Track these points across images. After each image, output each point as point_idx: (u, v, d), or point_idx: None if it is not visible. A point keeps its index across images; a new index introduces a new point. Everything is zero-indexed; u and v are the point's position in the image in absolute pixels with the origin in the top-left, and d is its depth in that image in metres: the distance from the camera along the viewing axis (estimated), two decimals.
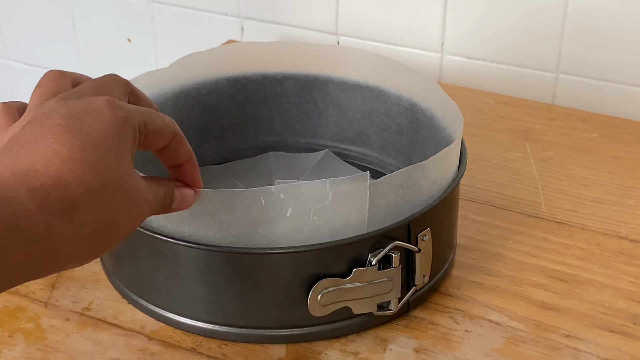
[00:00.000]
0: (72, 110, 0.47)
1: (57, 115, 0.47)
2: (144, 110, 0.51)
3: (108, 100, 0.49)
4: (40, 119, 0.47)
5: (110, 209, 0.47)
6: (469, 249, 0.71)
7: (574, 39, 0.93)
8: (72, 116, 0.47)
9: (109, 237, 0.47)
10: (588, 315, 0.64)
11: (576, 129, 0.89)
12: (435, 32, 0.99)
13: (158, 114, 0.52)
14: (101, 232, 0.46)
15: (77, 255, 0.46)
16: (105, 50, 1.19)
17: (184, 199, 0.55)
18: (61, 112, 0.47)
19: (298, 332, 0.61)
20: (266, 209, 0.57)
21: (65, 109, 0.48)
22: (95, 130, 0.47)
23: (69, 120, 0.47)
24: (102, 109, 0.48)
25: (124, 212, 0.48)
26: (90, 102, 0.48)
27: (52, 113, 0.48)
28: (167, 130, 0.52)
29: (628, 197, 0.78)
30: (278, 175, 0.79)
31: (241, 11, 1.08)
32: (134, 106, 0.50)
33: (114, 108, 0.48)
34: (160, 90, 0.74)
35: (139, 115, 0.50)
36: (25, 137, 0.46)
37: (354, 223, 0.59)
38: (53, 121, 0.47)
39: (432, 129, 0.72)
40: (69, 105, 0.48)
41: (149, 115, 0.51)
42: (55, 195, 0.44)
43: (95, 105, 0.48)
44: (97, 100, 0.48)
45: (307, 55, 0.79)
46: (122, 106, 0.49)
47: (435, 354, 0.61)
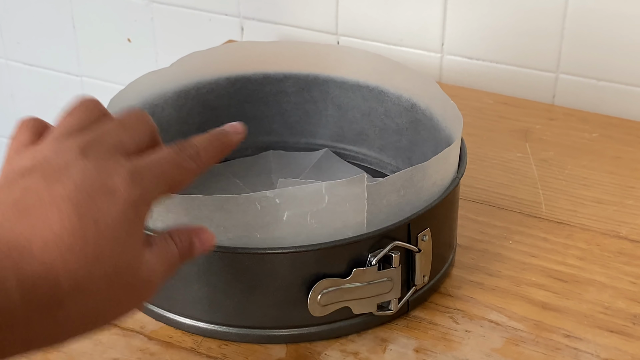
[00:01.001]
0: (86, 184, 0.45)
1: (70, 184, 0.44)
2: (165, 174, 0.48)
3: (126, 176, 0.46)
4: (52, 177, 0.45)
5: (98, 305, 0.44)
6: (469, 249, 0.71)
7: (574, 39, 0.93)
8: (84, 191, 0.44)
9: (93, 328, 0.45)
10: (588, 315, 0.64)
11: (576, 129, 0.89)
12: (435, 32, 0.99)
13: (178, 164, 0.49)
14: (84, 325, 0.44)
15: (51, 343, 0.44)
16: (105, 50, 1.19)
17: (205, 244, 0.52)
18: (75, 182, 0.45)
19: (298, 332, 0.61)
20: (262, 213, 0.57)
21: (80, 179, 0.45)
22: (103, 216, 0.44)
23: (79, 197, 0.44)
24: (119, 188, 0.45)
25: (115, 305, 0.46)
26: (107, 176, 0.46)
27: (65, 176, 0.45)
28: (187, 179, 0.50)
29: (628, 197, 0.78)
30: (278, 174, 0.79)
31: (241, 11, 1.08)
32: (155, 172, 0.47)
33: (131, 186, 0.46)
34: (160, 89, 0.74)
35: (158, 186, 0.47)
36: (32, 198, 0.44)
37: (353, 224, 0.59)
38: (64, 192, 0.44)
39: (431, 129, 0.72)
40: (85, 172, 0.45)
41: (169, 175, 0.48)
42: (42, 290, 0.42)
43: (111, 184, 0.45)
44: (115, 175, 0.46)
45: (307, 55, 0.79)
46: (140, 181, 0.46)
47: (435, 354, 0.61)
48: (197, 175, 0.50)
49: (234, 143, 0.54)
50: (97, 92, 1.23)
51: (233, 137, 0.54)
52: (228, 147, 0.53)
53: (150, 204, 0.47)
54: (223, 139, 0.53)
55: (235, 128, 0.54)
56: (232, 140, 0.53)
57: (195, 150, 0.50)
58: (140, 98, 0.73)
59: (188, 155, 0.50)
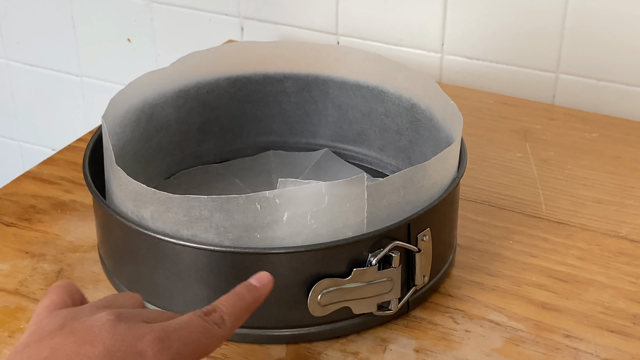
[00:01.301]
0: (116, 346, 0.45)
1: (100, 345, 0.45)
2: (192, 341, 0.48)
3: (155, 340, 0.46)
4: (83, 338, 0.45)
5: None
6: (469, 249, 0.71)
7: (574, 39, 0.93)
8: (114, 354, 0.45)
9: None
10: (588, 315, 0.64)
11: (576, 129, 0.89)
12: (435, 32, 0.99)
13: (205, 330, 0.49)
14: None
15: None
16: (105, 50, 1.19)
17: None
18: (105, 344, 0.45)
19: (298, 332, 0.61)
20: (262, 213, 0.57)
21: (110, 340, 0.45)
22: None
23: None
24: (147, 353, 0.45)
25: None
26: (137, 339, 0.46)
27: (96, 338, 0.45)
28: (214, 345, 0.50)
29: (628, 197, 0.78)
30: (278, 174, 0.79)
31: (241, 11, 1.08)
32: (183, 339, 0.48)
33: (158, 351, 0.46)
34: (160, 89, 0.74)
35: (186, 353, 0.47)
36: (61, 357, 0.44)
37: (353, 224, 0.59)
38: (94, 353, 0.44)
39: (431, 129, 0.72)
40: (115, 334, 0.46)
41: (196, 342, 0.48)
42: None
43: (140, 347, 0.45)
44: (144, 338, 0.46)
45: (307, 55, 0.79)
46: (167, 347, 0.46)
47: (435, 354, 0.61)
48: (224, 340, 0.50)
49: (261, 298, 0.54)
50: (97, 92, 1.23)
51: (259, 291, 0.54)
52: (255, 304, 0.53)
53: None
54: (248, 297, 0.53)
55: (262, 280, 0.54)
56: (259, 296, 0.54)
57: (220, 314, 0.51)
58: (140, 98, 0.73)
59: (214, 321, 0.50)
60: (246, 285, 0.54)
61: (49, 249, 0.71)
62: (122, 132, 0.71)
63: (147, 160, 0.75)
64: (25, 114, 1.31)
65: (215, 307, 0.51)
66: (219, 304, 0.52)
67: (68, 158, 0.84)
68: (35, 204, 0.77)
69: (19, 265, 0.69)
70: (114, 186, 0.63)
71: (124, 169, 0.62)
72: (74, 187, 0.79)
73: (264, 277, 0.55)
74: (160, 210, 0.59)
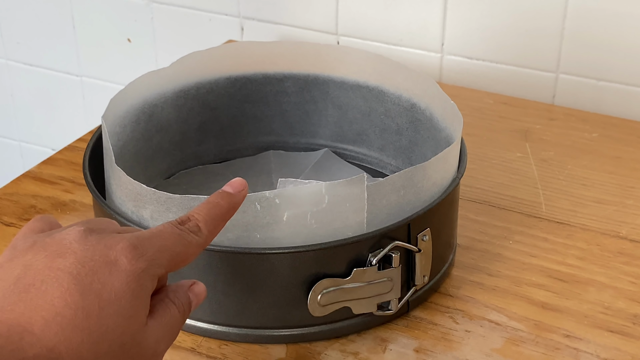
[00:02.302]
0: (88, 256, 0.44)
1: (71, 256, 0.44)
2: (167, 248, 0.47)
3: (128, 247, 0.45)
4: (54, 251, 0.44)
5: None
6: (469, 249, 0.71)
7: (574, 39, 0.93)
8: (85, 264, 0.44)
9: None
10: (588, 315, 0.64)
11: (576, 129, 0.89)
12: (435, 32, 0.99)
13: (181, 237, 0.48)
14: None
15: None
16: (105, 50, 1.19)
17: (199, 297, 0.51)
18: (76, 254, 0.44)
19: (298, 332, 0.61)
20: (262, 213, 0.57)
21: (82, 251, 0.45)
22: (105, 289, 0.44)
23: (80, 270, 0.44)
24: (121, 259, 0.45)
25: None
26: (109, 247, 0.45)
27: (67, 249, 0.44)
28: (192, 253, 0.49)
29: (628, 197, 0.78)
30: (278, 174, 0.79)
31: (241, 11, 1.08)
32: (157, 245, 0.47)
33: (132, 258, 0.45)
34: (160, 89, 0.74)
35: (162, 259, 0.47)
36: (33, 275, 0.43)
37: (353, 224, 0.59)
38: (65, 265, 0.44)
39: (431, 129, 0.72)
40: (87, 244, 0.45)
41: (172, 249, 0.47)
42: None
43: (113, 255, 0.45)
44: (116, 246, 0.45)
45: (307, 55, 0.79)
46: (142, 254, 0.46)
47: (435, 354, 0.61)
48: (202, 249, 0.50)
49: (237, 204, 0.52)
50: (97, 92, 1.23)
51: (235, 197, 0.52)
52: (231, 211, 0.52)
53: (154, 277, 0.46)
54: (223, 203, 0.51)
55: (236, 186, 0.53)
56: (234, 202, 0.52)
57: (195, 222, 0.50)
58: (140, 98, 0.73)
59: (189, 229, 0.49)
60: (220, 193, 0.52)
61: None
62: (122, 132, 0.71)
63: (147, 160, 0.75)
64: (25, 114, 1.31)
65: (189, 216, 0.50)
66: (193, 212, 0.50)
67: (68, 158, 0.84)
68: (35, 204, 0.77)
69: None
70: (113, 186, 0.63)
71: (124, 169, 0.62)
72: (74, 187, 0.79)
73: (237, 183, 0.53)
74: (160, 210, 0.59)
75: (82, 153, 0.82)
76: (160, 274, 0.47)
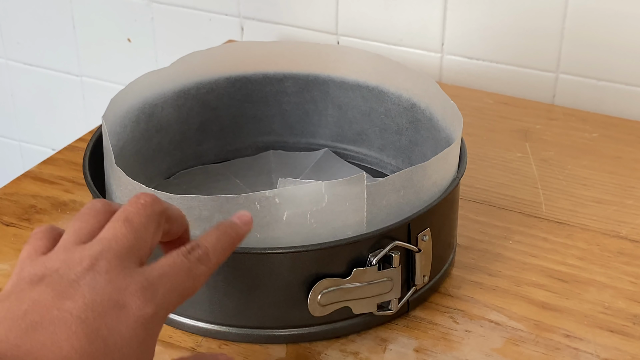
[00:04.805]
0: (97, 300, 0.44)
1: (80, 299, 0.44)
2: (177, 286, 0.47)
3: (138, 290, 0.45)
4: (63, 292, 0.44)
5: None
6: (469, 249, 0.71)
7: (574, 39, 0.93)
8: (94, 308, 0.44)
9: None
10: (588, 315, 0.64)
11: (576, 129, 0.89)
12: (435, 32, 0.99)
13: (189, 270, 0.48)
14: None
15: None
16: (105, 50, 1.19)
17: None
18: (85, 298, 0.44)
19: (298, 332, 0.61)
20: (262, 213, 0.57)
21: (90, 294, 0.44)
22: (112, 335, 0.44)
23: (89, 315, 0.44)
24: (130, 304, 0.45)
25: None
26: (118, 290, 0.45)
27: (76, 291, 0.44)
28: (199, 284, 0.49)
29: (628, 197, 0.78)
30: (278, 174, 0.79)
31: (241, 11, 1.08)
32: (167, 285, 0.47)
33: (142, 303, 0.45)
34: (160, 89, 0.74)
35: (171, 300, 0.47)
36: (41, 313, 0.43)
37: (353, 224, 0.59)
38: (74, 307, 0.44)
39: (431, 129, 0.72)
40: (96, 286, 0.45)
41: (181, 285, 0.47)
42: None
43: (122, 299, 0.45)
44: (126, 290, 0.45)
45: (307, 55, 0.78)
46: (151, 297, 0.45)
47: (435, 354, 0.61)
48: (209, 277, 0.50)
49: (243, 236, 0.53)
50: (97, 92, 1.23)
51: (241, 229, 0.53)
52: (237, 241, 0.53)
53: (163, 320, 0.47)
54: (231, 233, 0.52)
55: (243, 219, 0.54)
56: (241, 234, 0.53)
57: (205, 251, 0.50)
58: (140, 98, 0.73)
59: (197, 258, 0.49)
60: (228, 222, 0.53)
61: None
62: (122, 132, 0.71)
63: (147, 160, 0.75)
64: (25, 114, 1.31)
65: (198, 243, 0.50)
66: (203, 239, 0.50)
67: (68, 158, 0.84)
68: (35, 204, 0.77)
69: None
70: (114, 186, 0.63)
71: (124, 169, 0.62)
72: (74, 187, 0.79)
73: (245, 216, 0.54)
74: None
75: (82, 153, 0.82)
76: (169, 313, 0.47)
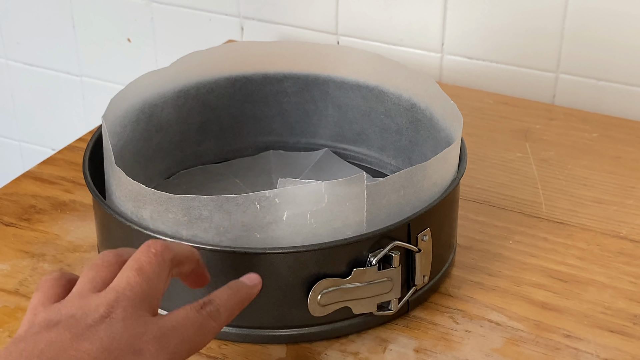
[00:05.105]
0: (114, 345, 0.45)
1: (97, 342, 0.45)
2: (189, 339, 0.49)
3: (153, 339, 0.46)
4: (80, 334, 0.45)
5: None
6: (469, 249, 0.71)
7: (574, 39, 0.93)
8: (111, 352, 0.45)
9: None
10: (588, 315, 0.64)
11: (576, 129, 0.89)
12: (435, 32, 0.99)
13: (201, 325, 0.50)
14: None
15: None
16: (105, 50, 1.19)
17: None
18: (102, 341, 0.45)
19: (298, 332, 0.61)
20: (262, 213, 0.57)
21: (108, 338, 0.45)
22: None
23: (107, 357, 0.44)
24: (144, 351, 0.46)
25: None
26: (134, 337, 0.46)
27: (93, 334, 0.45)
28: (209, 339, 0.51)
29: (628, 197, 0.78)
30: (278, 174, 0.79)
31: (241, 11, 1.08)
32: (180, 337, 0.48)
33: (156, 351, 0.46)
34: (160, 89, 0.74)
35: (182, 351, 0.48)
36: (57, 353, 0.44)
37: (353, 223, 0.59)
38: (91, 349, 0.44)
39: (431, 129, 0.72)
40: (113, 331, 0.45)
41: (192, 339, 0.49)
42: None
43: (138, 345, 0.46)
44: (142, 337, 0.46)
45: (307, 55, 0.78)
46: (165, 346, 0.47)
47: (435, 354, 0.61)
48: (217, 334, 0.52)
49: (252, 296, 0.56)
50: (97, 92, 1.23)
51: (252, 290, 0.55)
52: (246, 301, 0.55)
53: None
54: (242, 292, 0.54)
55: (252, 280, 0.56)
56: (250, 294, 0.55)
57: (217, 307, 0.52)
58: (140, 98, 0.73)
59: (209, 314, 0.51)
60: (239, 282, 0.55)
61: (48, 249, 0.71)
62: (122, 132, 0.71)
63: (147, 160, 0.75)
64: (25, 114, 1.31)
65: (211, 299, 0.52)
66: (215, 296, 0.53)
67: (68, 158, 0.84)
68: (35, 204, 0.77)
69: (19, 265, 0.69)
70: (113, 186, 0.63)
71: (124, 169, 0.62)
72: (74, 187, 0.79)
73: (254, 277, 0.56)
74: (159, 211, 0.59)
75: (82, 153, 0.82)
76: None
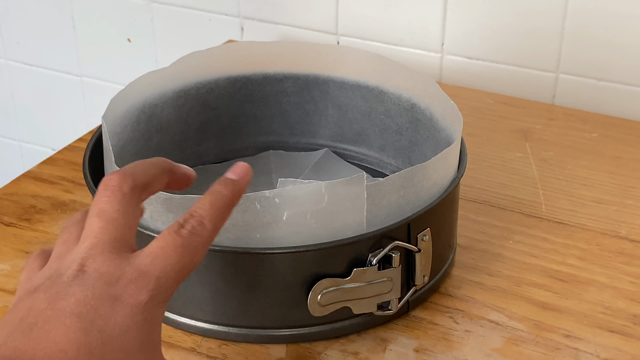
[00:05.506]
0: (88, 295, 0.44)
1: (71, 298, 0.44)
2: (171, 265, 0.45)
3: (130, 282, 0.44)
4: (55, 294, 0.44)
5: None
6: (469, 249, 0.71)
7: (574, 39, 0.93)
8: (87, 303, 0.43)
9: None
10: (588, 315, 0.64)
11: (576, 129, 0.89)
12: (435, 32, 0.99)
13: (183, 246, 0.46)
14: None
15: None
16: (105, 50, 1.19)
17: None
18: (76, 295, 0.44)
19: (298, 332, 0.61)
20: (262, 213, 0.57)
21: (81, 291, 0.44)
22: (109, 325, 0.43)
23: (82, 309, 0.43)
24: (123, 295, 0.44)
25: None
26: (109, 284, 0.44)
27: (66, 292, 0.44)
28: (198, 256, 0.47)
29: (628, 197, 0.78)
30: (278, 174, 0.79)
31: (241, 11, 1.08)
32: (160, 268, 0.45)
33: (135, 292, 0.44)
34: (160, 89, 0.74)
35: (167, 282, 0.45)
36: (36, 315, 0.43)
37: (353, 224, 0.59)
38: (66, 305, 0.43)
39: (431, 129, 0.72)
40: (85, 284, 0.44)
41: (176, 264, 0.46)
42: None
43: (114, 292, 0.44)
44: (117, 283, 0.44)
45: (307, 55, 0.79)
46: (145, 285, 0.44)
47: (435, 354, 0.61)
48: (208, 245, 0.48)
49: (241, 191, 0.50)
50: (97, 92, 1.23)
51: (238, 184, 0.50)
52: (235, 199, 0.50)
53: (164, 302, 0.45)
54: (226, 192, 0.49)
55: (239, 171, 0.51)
56: (237, 190, 0.50)
57: (198, 220, 0.47)
58: (140, 98, 0.73)
59: (189, 231, 0.47)
60: (222, 180, 0.50)
61: None
62: (122, 132, 0.71)
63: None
64: (25, 114, 1.31)
65: (191, 213, 0.47)
66: (196, 207, 0.48)
67: (68, 158, 0.84)
68: (35, 204, 0.77)
69: (19, 265, 0.69)
70: None
71: None
72: (74, 187, 0.79)
73: (240, 167, 0.51)
74: (160, 210, 0.59)
75: (82, 153, 0.82)
76: (169, 296, 0.46)
